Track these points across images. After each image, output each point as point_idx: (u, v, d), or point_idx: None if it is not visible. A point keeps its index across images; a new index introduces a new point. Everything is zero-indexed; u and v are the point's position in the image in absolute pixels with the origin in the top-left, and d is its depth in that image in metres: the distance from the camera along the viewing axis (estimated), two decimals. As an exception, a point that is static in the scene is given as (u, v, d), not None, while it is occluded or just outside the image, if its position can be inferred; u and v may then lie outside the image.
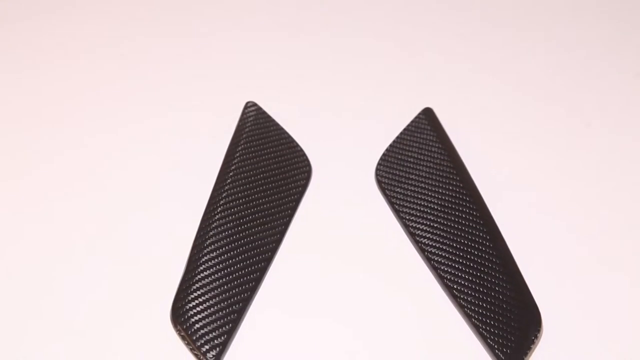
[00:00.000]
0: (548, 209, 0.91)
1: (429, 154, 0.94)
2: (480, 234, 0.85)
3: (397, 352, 0.79)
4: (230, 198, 0.89)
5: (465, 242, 0.85)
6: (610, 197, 0.92)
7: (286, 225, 0.89)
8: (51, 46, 1.11)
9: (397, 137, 0.96)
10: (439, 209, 0.88)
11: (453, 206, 0.88)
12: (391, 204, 0.90)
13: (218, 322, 0.80)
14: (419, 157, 0.94)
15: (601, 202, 0.92)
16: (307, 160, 0.95)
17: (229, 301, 0.81)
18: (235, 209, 0.88)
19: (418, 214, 0.88)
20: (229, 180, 0.91)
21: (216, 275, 0.83)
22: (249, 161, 0.93)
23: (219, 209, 0.88)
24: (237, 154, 0.94)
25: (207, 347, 0.78)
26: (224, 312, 0.80)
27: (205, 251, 0.84)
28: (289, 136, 0.97)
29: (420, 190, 0.90)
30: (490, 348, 0.78)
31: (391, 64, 1.08)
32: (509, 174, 0.94)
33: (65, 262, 0.86)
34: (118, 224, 0.90)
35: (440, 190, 0.90)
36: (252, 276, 0.83)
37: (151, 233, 0.89)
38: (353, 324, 0.81)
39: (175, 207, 0.91)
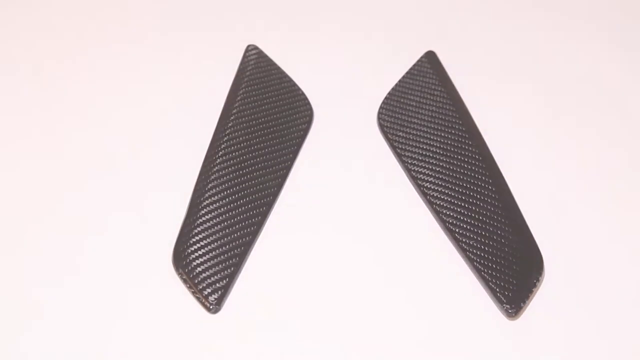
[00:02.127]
0: (551, 152, 0.90)
1: (432, 97, 0.93)
2: (483, 178, 0.85)
3: (399, 297, 0.79)
4: (231, 142, 0.89)
5: (468, 186, 0.85)
6: (613, 137, 0.91)
7: (288, 169, 0.88)
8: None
9: (400, 81, 0.95)
10: (441, 152, 0.88)
11: (455, 150, 0.88)
12: (393, 147, 0.90)
13: (220, 266, 0.80)
14: (422, 100, 0.93)
15: (603, 143, 0.91)
16: (308, 104, 0.94)
17: (230, 245, 0.81)
18: (237, 153, 0.88)
19: (420, 158, 0.88)
20: (230, 124, 0.90)
21: (218, 219, 0.83)
22: (250, 105, 0.92)
23: (220, 153, 0.88)
24: (239, 98, 0.93)
25: (208, 290, 0.78)
26: (225, 255, 0.81)
27: (206, 195, 0.84)
28: (291, 80, 0.96)
29: (422, 134, 0.90)
30: (492, 291, 0.78)
31: (394, 6, 1.07)
32: (511, 116, 0.94)
33: (65, 205, 0.86)
34: (119, 168, 0.89)
35: (442, 134, 0.89)
36: (253, 220, 0.83)
37: (152, 177, 0.88)
38: (354, 271, 0.81)
39: (177, 152, 0.91)
